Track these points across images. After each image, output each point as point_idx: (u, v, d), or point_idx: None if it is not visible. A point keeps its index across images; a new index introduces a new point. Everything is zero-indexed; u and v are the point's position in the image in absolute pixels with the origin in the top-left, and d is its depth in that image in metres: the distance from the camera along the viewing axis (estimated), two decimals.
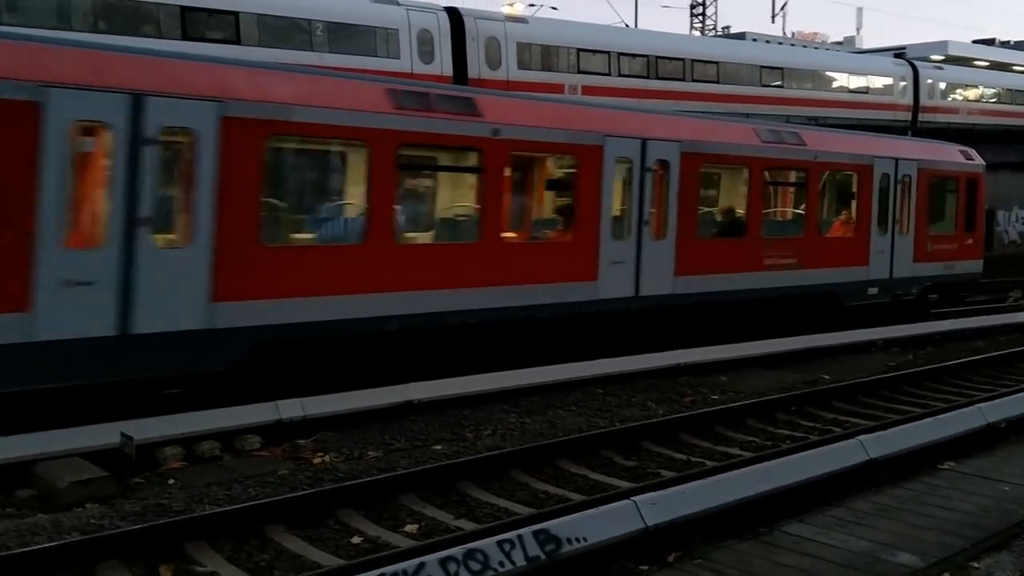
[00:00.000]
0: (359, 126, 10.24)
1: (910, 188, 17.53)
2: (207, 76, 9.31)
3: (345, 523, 6.78)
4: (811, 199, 15.91)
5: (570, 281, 12.23)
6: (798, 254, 15.35)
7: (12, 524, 6.50)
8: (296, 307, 9.71)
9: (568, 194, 13.04)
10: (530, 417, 10.11)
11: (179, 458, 8.06)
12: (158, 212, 8.91)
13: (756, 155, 14.53)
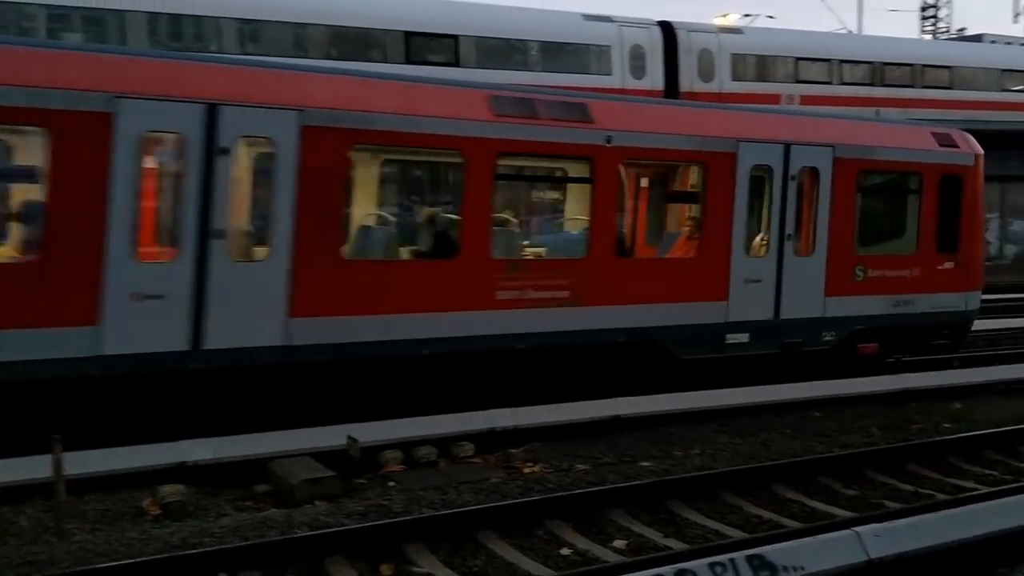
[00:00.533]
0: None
1: (817, 186, 11.93)
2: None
3: (555, 534, 6.84)
4: (600, 201, 10.57)
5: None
6: (573, 284, 10.37)
7: (249, 516, 7.04)
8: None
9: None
10: (742, 438, 9.82)
11: (398, 461, 8.42)
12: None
13: (478, 135, 9.81)
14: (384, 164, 10.92)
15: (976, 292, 13.69)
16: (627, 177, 11.90)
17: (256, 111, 8.57)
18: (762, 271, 11.58)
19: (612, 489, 7.58)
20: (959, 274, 13.21)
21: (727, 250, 11.31)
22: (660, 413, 10.18)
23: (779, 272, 11.66)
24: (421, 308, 9.47)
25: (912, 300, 12.83)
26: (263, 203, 9.02)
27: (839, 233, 12.10)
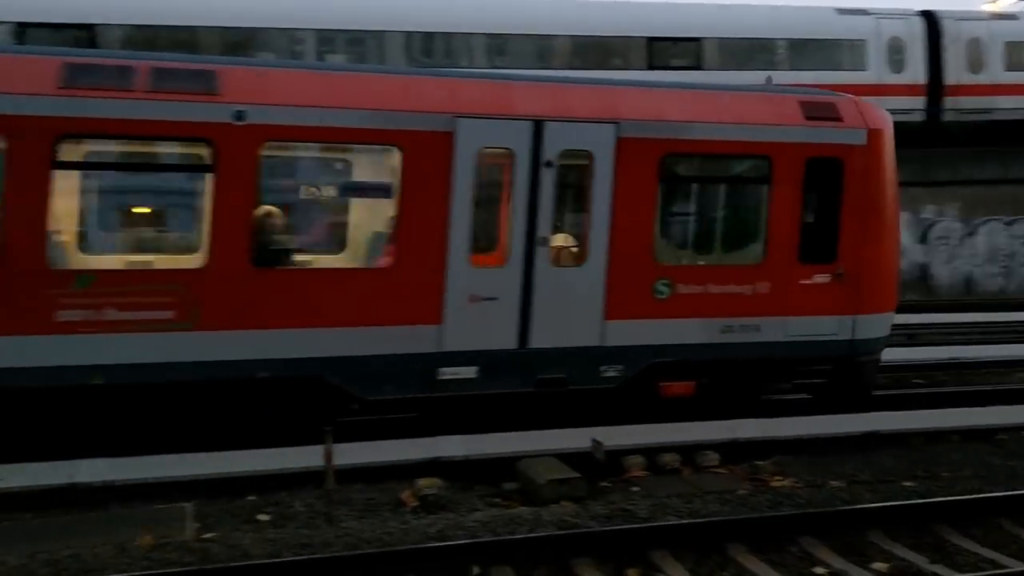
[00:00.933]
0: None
1: (592, 175, 9.16)
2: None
3: (808, 552, 6.56)
4: (226, 196, 8.16)
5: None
6: (182, 302, 8.03)
7: (499, 512, 7.27)
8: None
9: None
10: (1020, 460, 8.97)
11: (642, 467, 8.39)
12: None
13: (31, 113, 7.63)
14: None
15: (874, 315, 10.07)
16: (273, 165, 9.02)
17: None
18: (499, 286, 8.86)
19: (871, 509, 7.16)
20: (840, 291, 9.87)
21: (440, 259, 8.66)
22: (922, 430, 9.54)
23: (527, 287, 8.90)
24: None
25: (756, 325, 9.64)
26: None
27: (629, 237, 9.19)
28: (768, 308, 9.66)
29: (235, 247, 8.12)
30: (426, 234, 8.60)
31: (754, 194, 9.94)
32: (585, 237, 9.19)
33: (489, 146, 8.80)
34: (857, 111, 10.05)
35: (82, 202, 8.62)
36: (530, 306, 8.93)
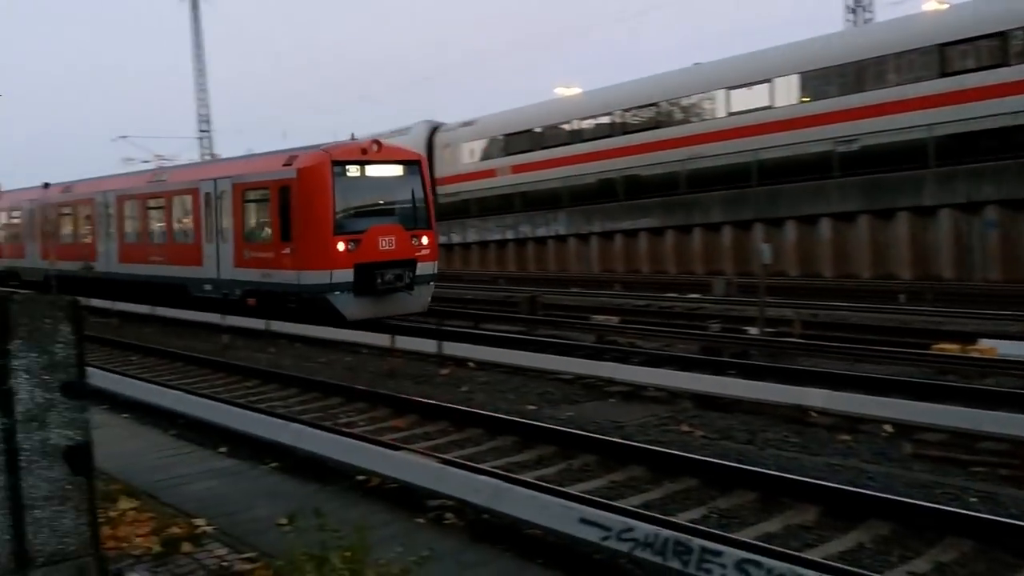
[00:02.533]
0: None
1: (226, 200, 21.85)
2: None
3: None
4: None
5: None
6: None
7: None
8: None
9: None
10: None
11: None
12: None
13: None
14: None
15: (310, 271, 18.93)
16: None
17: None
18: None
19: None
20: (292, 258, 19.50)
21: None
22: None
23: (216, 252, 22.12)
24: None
25: (271, 274, 20.24)
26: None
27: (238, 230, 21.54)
28: (274, 265, 19.61)
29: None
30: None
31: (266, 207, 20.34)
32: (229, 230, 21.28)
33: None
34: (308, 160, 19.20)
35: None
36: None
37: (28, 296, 4.98)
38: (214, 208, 21.54)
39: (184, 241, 23.15)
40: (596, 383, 12.60)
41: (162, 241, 24.47)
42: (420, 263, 19.67)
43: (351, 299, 18.73)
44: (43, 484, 4.80)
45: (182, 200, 23.39)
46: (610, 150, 33.05)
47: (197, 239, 22.41)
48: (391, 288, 19.17)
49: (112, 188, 27.13)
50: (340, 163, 18.72)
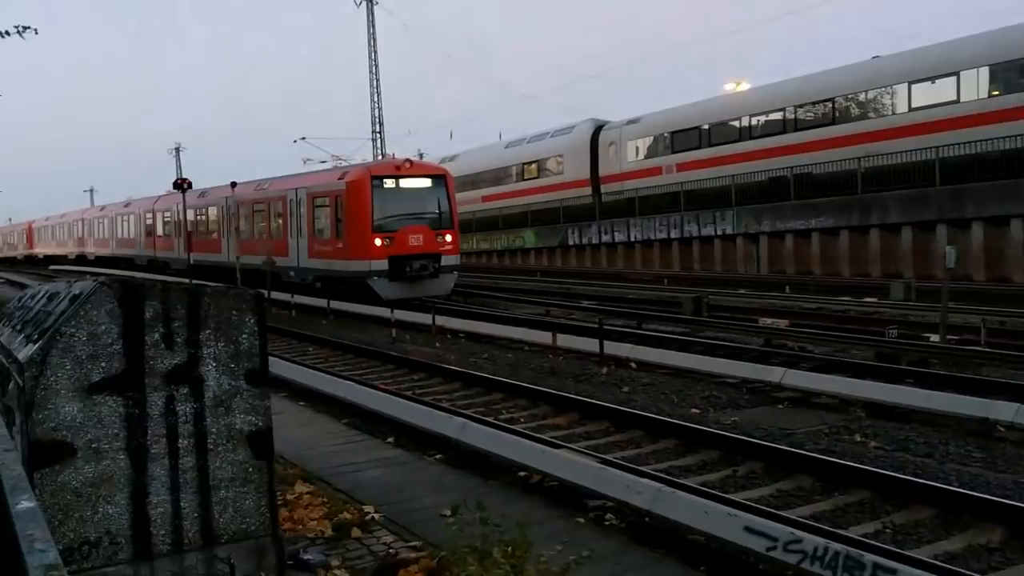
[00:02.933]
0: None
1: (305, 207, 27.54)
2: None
3: None
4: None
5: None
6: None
7: None
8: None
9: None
10: None
11: None
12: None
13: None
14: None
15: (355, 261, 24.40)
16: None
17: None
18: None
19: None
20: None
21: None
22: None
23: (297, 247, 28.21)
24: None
25: (332, 263, 25.46)
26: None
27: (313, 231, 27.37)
28: (332, 256, 24.97)
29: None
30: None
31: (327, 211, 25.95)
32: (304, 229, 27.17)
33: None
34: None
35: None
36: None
37: (217, 289, 5.30)
38: (294, 212, 27.45)
39: (277, 238, 28.79)
40: (763, 388, 12.24)
41: (263, 237, 29.92)
42: (444, 256, 24.70)
43: (386, 283, 23.93)
44: (228, 466, 5.10)
45: (276, 205, 29.08)
46: (781, 147, 32.02)
47: (284, 236, 28.24)
48: (418, 275, 24.24)
49: (231, 194, 32.22)
50: (378, 177, 24.21)
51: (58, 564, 2.10)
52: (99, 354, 4.78)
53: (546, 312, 22.18)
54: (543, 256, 42.08)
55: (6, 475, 3.01)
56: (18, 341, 5.38)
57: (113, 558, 4.78)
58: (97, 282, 4.96)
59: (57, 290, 5.78)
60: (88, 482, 4.74)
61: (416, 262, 24.08)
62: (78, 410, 4.72)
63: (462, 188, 50.28)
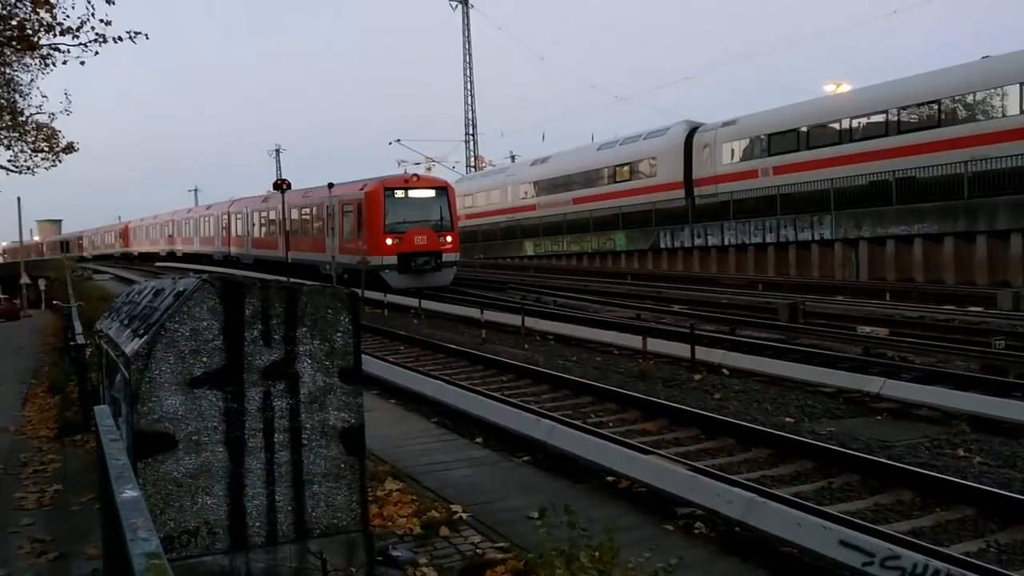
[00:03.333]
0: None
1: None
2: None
3: None
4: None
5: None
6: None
7: None
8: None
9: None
10: None
11: None
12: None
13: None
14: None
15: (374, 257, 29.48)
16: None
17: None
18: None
19: None
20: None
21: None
22: None
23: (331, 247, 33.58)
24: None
25: (355, 258, 29.67)
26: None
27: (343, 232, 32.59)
28: (355, 252, 29.76)
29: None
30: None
31: (352, 217, 31.40)
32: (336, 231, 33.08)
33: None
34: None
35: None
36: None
37: (314, 288, 5.42)
38: (330, 216, 32.96)
39: (318, 237, 34.27)
40: (861, 398, 11.88)
41: (307, 237, 35.66)
42: (444, 253, 30.28)
43: (395, 275, 29.25)
44: (321, 462, 5.21)
45: (318, 210, 34.52)
46: (883, 150, 31.03)
47: (323, 236, 33.75)
48: (422, 269, 29.54)
49: (286, 201, 37.13)
50: (390, 189, 29.87)
51: (159, 553, 2.17)
52: (201, 349, 4.93)
53: (636, 316, 21.99)
54: (634, 259, 41.73)
55: (112, 464, 3.13)
56: (125, 335, 5.60)
57: (210, 548, 4.93)
58: (200, 280, 5.12)
59: (162, 286, 6.00)
60: (188, 473, 4.90)
61: (420, 258, 29.51)
62: (180, 403, 4.89)
63: (553, 190, 50.49)
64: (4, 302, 54.60)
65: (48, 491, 8.65)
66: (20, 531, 7.36)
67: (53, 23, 21.51)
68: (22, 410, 14.47)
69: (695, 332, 15.33)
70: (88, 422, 10.90)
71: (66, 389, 14.76)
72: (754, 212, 35.40)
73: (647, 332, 16.37)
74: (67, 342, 17.51)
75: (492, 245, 52.50)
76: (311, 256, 34.57)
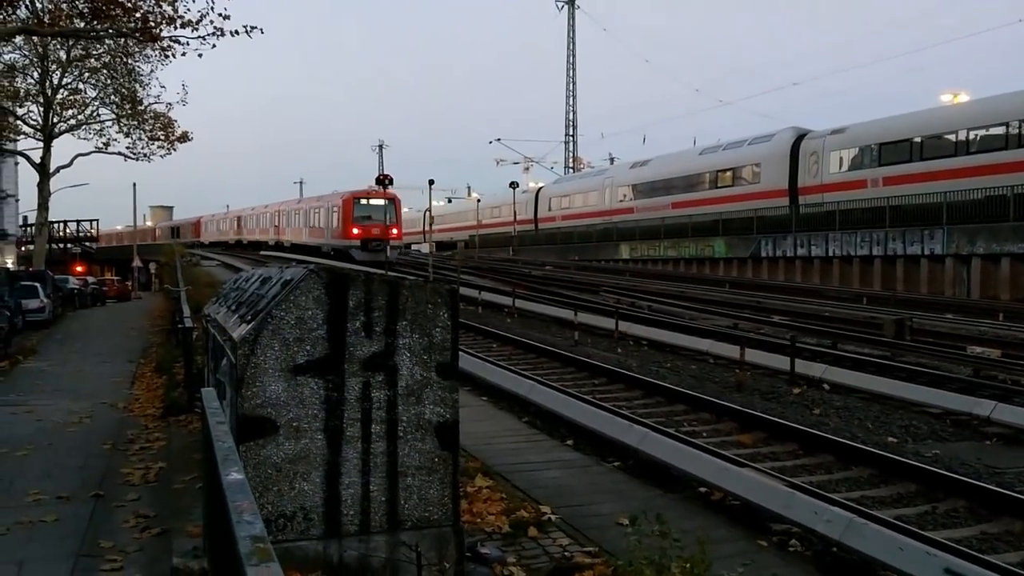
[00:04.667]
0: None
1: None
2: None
3: None
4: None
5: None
6: None
7: None
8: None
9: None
10: None
11: None
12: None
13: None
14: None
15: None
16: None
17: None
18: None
19: None
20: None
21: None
22: None
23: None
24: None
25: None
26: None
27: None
28: (338, 238, 45.49)
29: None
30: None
31: (336, 214, 46.74)
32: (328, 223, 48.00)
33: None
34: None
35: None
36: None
37: (415, 282, 5.46)
38: (326, 214, 47.30)
39: (319, 226, 48.65)
40: (970, 421, 11.38)
41: (309, 227, 50.76)
42: (391, 240, 43.47)
43: (359, 252, 42.32)
44: (416, 455, 5.25)
45: (316, 209, 49.73)
46: (1002, 164, 29.71)
47: (323, 227, 47.81)
48: (376, 250, 42.25)
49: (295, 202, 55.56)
50: (357, 198, 44.44)
51: (264, 536, 2.20)
52: (305, 338, 5.03)
53: (734, 325, 21.58)
54: (733, 267, 40.99)
55: (218, 447, 3.21)
56: (233, 320, 5.75)
57: (305, 533, 5.02)
58: (307, 270, 5.22)
59: (270, 275, 6.14)
60: (287, 458, 5.00)
61: (374, 242, 43.04)
62: (283, 389, 4.99)
63: (652, 194, 50.00)
64: (117, 284, 57.18)
65: (153, 468, 8.98)
66: (126, 505, 7.66)
67: (175, 16, 22.40)
68: (130, 388, 15.08)
69: (796, 344, 14.95)
70: (192, 403, 11.28)
71: (172, 370, 15.33)
72: (861, 223, 34.34)
73: (745, 342, 16.04)
74: (175, 325, 18.19)
75: (587, 247, 52.30)
76: (311, 240, 49.98)
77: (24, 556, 6.33)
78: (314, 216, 51.29)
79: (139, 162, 40.92)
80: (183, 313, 15.29)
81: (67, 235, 75.42)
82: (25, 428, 11.37)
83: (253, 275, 7.28)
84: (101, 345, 22.93)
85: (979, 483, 8.26)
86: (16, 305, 25.90)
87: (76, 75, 38.91)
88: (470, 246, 64.53)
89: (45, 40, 33.53)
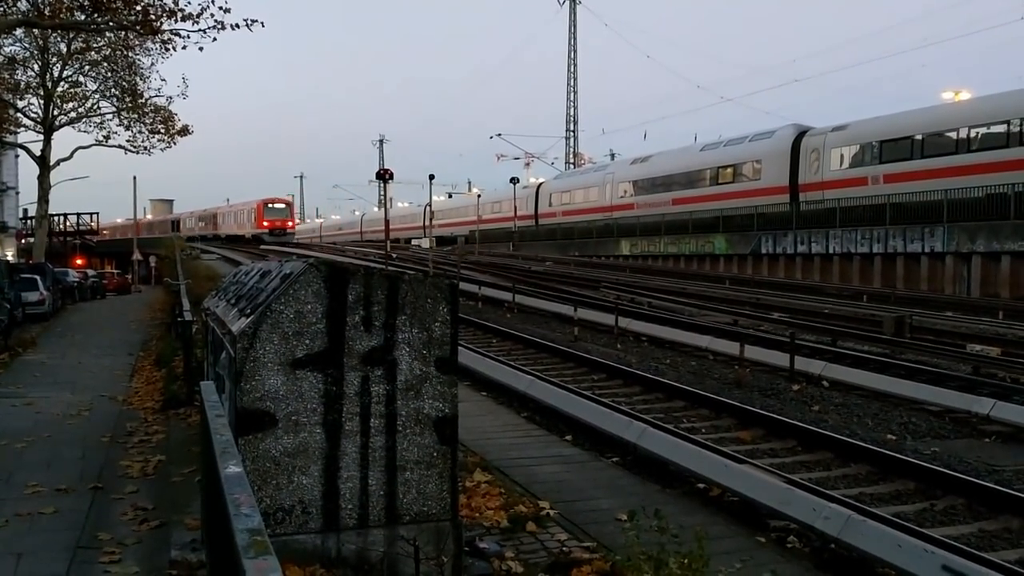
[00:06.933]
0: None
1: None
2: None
3: None
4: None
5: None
6: None
7: None
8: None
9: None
10: None
11: None
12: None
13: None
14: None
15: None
16: None
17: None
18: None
19: None
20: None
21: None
22: None
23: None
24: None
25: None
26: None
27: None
28: (257, 229, 70.17)
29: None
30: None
31: (254, 214, 71.58)
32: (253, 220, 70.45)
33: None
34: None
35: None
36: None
37: (415, 277, 5.45)
38: (248, 212, 69.87)
39: (248, 223, 69.09)
40: (969, 419, 11.38)
41: (242, 223, 71.00)
42: (288, 231, 68.56)
43: (268, 237, 64.44)
44: (414, 449, 5.24)
45: (244, 211, 71.47)
46: (1003, 162, 29.69)
47: (249, 223, 69.10)
48: (279, 237, 65.15)
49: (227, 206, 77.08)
50: (265, 203, 68.95)
51: (261, 529, 2.20)
52: (304, 331, 5.03)
53: (734, 322, 21.57)
54: (733, 263, 40.98)
55: (217, 440, 3.21)
56: (232, 314, 5.74)
57: (303, 527, 5.02)
58: (307, 263, 5.21)
59: (269, 268, 6.13)
60: (286, 452, 5.00)
61: (278, 231, 65.27)
62: (281, 383, 4.99)
63: (652, 190, 49.98)
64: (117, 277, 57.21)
65: (152, 461, 8.99)
66: (124, 498, 7.66)
67: (175, 9, 22.34)
68: (130, 381, 15.09)
69: (795, 341, 14.95)
70: (192, 396, 11.29)
71: (171, 363, 15.32)
72: (861, 221, 34.34)
73: (745, 338, 16.03)
74: (174, 318, 18.19)
75: (588, 243, 52.31)
76: (239, 231, 70.88)
77: (23, 548, 6.34)
78: (240, 215, 76.27)
79: (139, 155, 40.89)
80: (183, 306, 15.30)
81: (67, 228, 75.44)
82: (24, 420, 11.38)
83: (252, 269, 7.28)
84: (101, 338, 22.93)
85: (978, 481, 8.27)
86: (16, 298, 25.90)
87: (76, 68, 38.87)
88: (470, 241, 64.59)
89: (45, 33, 33.46)
